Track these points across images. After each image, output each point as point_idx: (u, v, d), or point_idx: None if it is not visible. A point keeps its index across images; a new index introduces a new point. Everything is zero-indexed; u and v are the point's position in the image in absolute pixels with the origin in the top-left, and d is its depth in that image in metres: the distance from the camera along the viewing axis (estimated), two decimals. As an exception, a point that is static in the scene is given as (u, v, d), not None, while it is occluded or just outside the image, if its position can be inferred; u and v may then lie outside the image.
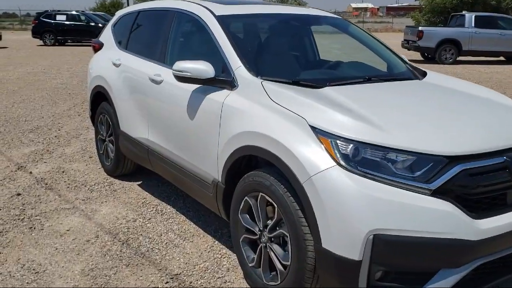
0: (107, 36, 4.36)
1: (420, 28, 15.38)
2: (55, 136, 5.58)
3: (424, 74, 3.10)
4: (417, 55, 16.09)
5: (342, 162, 1.95)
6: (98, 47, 4.49)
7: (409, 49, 15.48)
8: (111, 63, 3.96)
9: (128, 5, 45.58)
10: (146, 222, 3.33)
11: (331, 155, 1.98)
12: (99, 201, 3.68)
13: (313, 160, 2.01)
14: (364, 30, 3.61)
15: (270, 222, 2.30)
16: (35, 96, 8.35)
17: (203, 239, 3.08)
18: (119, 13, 4.39)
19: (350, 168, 1.94)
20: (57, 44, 21.23)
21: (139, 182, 4.11)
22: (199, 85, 2.80)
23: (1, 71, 11.87)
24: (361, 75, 2.85)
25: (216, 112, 2.63)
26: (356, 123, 2.06)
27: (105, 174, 4.29)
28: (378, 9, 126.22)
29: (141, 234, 3.14)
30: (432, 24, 25.17)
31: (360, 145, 1.98)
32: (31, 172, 4.30)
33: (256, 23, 3.26)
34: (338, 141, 2.00)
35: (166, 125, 3.14)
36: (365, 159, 1.96)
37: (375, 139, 1.98)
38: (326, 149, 2.01)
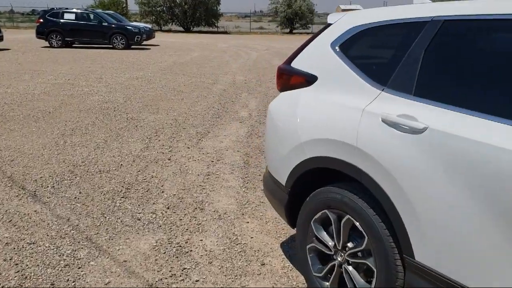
0: (328, 64, 2.39)
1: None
2: (167, 207, 3.59)
3: None
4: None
5: None
6: (298, 82, 2.53)
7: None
8: (376, 121, 2.01)
9: (126, 4, 42.57)
10: None
11: None
12: None
13: None
14: None
15: None
16: (83, 122, 6.31)
17: None
18: (349, 23, 2.40)
19: None
20: (63, 46, 18.98)
21: None
22: None
23: (18, 81, 9.75)
24: None
25: None
26: None
27: (326, 314, 2.34)
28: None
29: None
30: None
31: None
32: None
33: None
34: None
35: None
36: None
37: None
38: None
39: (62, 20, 18.80)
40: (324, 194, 2.28)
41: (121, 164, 4.57)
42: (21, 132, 5.72)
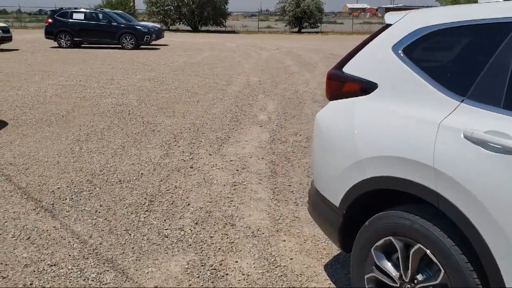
0: (391, 70, 2.12)
1: None
2: (195, 223, 3.34)
3: None
4: None
5: None
6: (353, 89, 2.26)
7: None
8: (457, 137, 1.73)
9: (134, 3, 42.26)
10: None
11: None
12: None
13: None
14: None
15: None
16: (98, 126, 6.07)
17: None
18: (415, 24, 2.12)
19: None
20: (72, 46, 18.79)
21: None
22: None
23: (28, 83, 9.54)
24: None
25: None
26: None
27: None
28: (376, 9, 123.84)
29: None
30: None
31: None
32: None
33: None
34: None
35: None
36: None
37: None
38: None
39: (71, 20, 18.62)
40: (389, 219, 2.01)
41: (142, 173, 4.32)
42: (34, 137, 5.49)
